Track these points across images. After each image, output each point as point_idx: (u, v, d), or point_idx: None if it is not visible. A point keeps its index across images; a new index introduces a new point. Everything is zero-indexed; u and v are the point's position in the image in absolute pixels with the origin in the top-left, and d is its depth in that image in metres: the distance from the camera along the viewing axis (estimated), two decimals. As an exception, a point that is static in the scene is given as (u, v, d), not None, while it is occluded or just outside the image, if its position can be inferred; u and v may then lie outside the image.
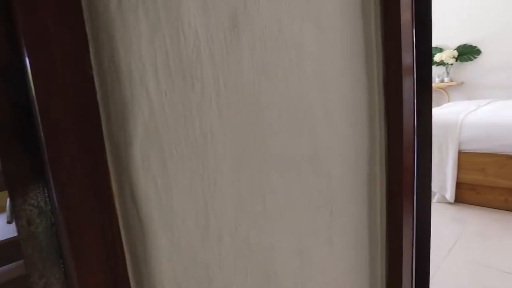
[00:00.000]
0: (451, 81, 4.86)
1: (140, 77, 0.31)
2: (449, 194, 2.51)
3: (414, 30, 0.65)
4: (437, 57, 4.84)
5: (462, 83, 4.92)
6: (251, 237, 0.41)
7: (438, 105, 5.12)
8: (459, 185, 2.52)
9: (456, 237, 2.05)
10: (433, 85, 4.86)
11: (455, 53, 4.74)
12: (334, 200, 0.53)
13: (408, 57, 0.60)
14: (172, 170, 0.33)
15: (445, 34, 4.96)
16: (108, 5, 0.29)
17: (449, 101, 5.00)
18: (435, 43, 5.04)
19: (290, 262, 0.45)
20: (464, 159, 2.44)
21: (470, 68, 4.83)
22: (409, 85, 0.61)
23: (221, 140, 0.36)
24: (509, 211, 2.36)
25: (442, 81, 4.86)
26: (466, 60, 4.78)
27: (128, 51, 0.30)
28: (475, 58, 4.74)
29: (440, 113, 2.77)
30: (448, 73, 4.91)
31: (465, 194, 2.52)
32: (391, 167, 0.61)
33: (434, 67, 5.06)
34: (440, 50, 4.94)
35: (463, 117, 2.50)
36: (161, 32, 0.31)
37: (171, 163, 0.33)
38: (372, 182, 0.61)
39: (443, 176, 2.54)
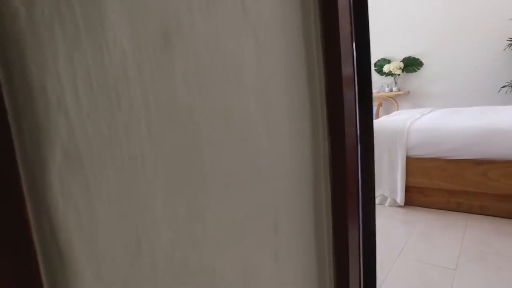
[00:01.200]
0: (399, 90, 5.17)
1: (57, 98, 0.28)
2: (399, 198, 2.65)
3: (354, 43, 0.67)
4: (385, 68, 5.14)
5: (409, 92, 5.26)
6: (191, 260, 0.39)
7: (388, 113, 5.43)
8: (408, 189, 2.67)
9: (406, 239, 2.16)
10: (383, 94, 5.15)
11: (402, 65, 5.07)
12: (279, 215, 0.53)
13: (349, 69, 0.62)
14: (96, 196, 0.31)
15: (392, 47, 5.29)
16: (16, 18, 0.26)
17: (397, 109, 5.31)
18: (384, 55, 5.36)
19: (233, 283, 0.44)
20: (412, 164, 2.59)
21: (415, 79, 5.19)
22: (350, 96, 0.63)
23: (152, 161, 0.35)
24: (450, 210, 2.53)
25: (391, 90, 5.15)
26: (411, 71, 5.13)
27: (43, 69, 0.27)
28: (419, 69, 5.10)
29: (389, 121, 2.93)
30: (396, 83, 5.23)
31: (414, 197, 2.68)
32: (335, 178, 0.62)
33: (383, 78, 5.37)
34: (389, 61, 5.26)
35: (409, 124, 2.66)
36: (82, 49, 0.29)
37: (95, 189, 0.30)
38: (317, 194, 0.62)
39: (394, 181, 2.68)
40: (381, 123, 2.87)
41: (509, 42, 4.23)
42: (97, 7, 0.30)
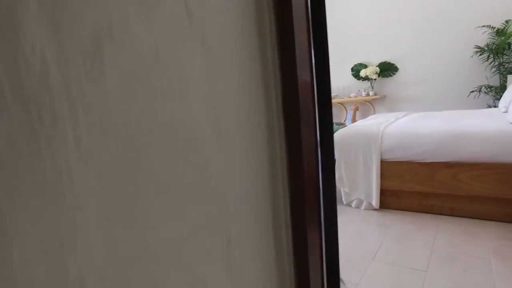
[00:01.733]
0: (376, 94, 5.28)
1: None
2: (375, 201, 2.69)
3: (312, 49, 0.67)
4: (362, 73, 5.25)
5: (385, 96, 5.38)
6: (130, 278, 0.37)
7: (365, 117, 5.53)
8: (383, 192, 2.71)
9: (380, 242, 2.19)
10: (360, 98, 5.24)
11: (378, 69, 5.18)
12: (232, 226, 0.51)
13: (305, 73, 0.62)
14: (11, 216, 0.28)
15: (369, 52, 5.41)
16: None
17: (374, 113, 5.42)
18: (360, 60, 5.47)
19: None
20: (386, 167, 2.63)
21: (391, 83, 5.31)
22: (307, 101, 0.62)
23: (82, 176, 0.33)
24: (423, 212, 2.59)
25: (368, 94, 5.26)
26: (386, 76, 5.25)
27: None
28: (394, 74, 5.22)
29: (364, 125, 2.97)
30: (372, 87, 5.33)
31: (389, 200, 2.72)
32: (293, 185, 0.61)
33: (360, 82, 5.48)
34: (365, 66, 5.37)
35: (383, 128, 2.71)
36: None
37: (10, 208, 0.28)
38: (275, 202, 0.61)
39: (369, 185, 2.71)
40: (357, 127, 2.91)
41: (476, 50, 4.39)
42: (9, 12, 0.27)
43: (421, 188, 2.53)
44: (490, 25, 4.30)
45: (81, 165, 0.33)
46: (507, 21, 4.18)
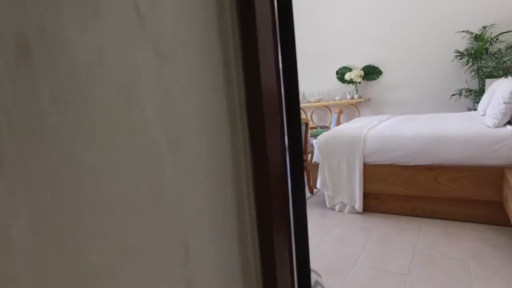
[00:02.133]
0: (360, 98, 5.33)
1: None
2: (358, 205, 2.69)
3: (280, 53, 0.65)
4: (347, 76, 5.29)
5: (369, 99, 5.44)
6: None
7: (350, 119, 5.57)
8: (366, 195, 2.72)
9: (363, 246, 2.19)
10: (345, 101, 5.28)
11: (362, 73, 5.23)
12: (191, 237, 0.49)
13: (271, 76, 0.60)
14: None
15: (353, 56, 5.47)
16: None
17: (359, 116, 5.47)
18: (345, 63, 5.52)
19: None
20: (369, 171, 2.65)
21: (375, 87, 5.37)
22: (273, 104, 0.60)
23: (6, 194, 0.30)
24: (404, 215, 2.61)
25: (353, 97, 5.30)
26: (371, 79, 5.31)
27: None
28: (378, 77, 5.29)
29: (347, 128, 2.99)
30: (357, 90, 5.38)
31: (372, 203, 2.74)
32: (259, 195, 0.59)
33: (345, 85, 5.52)
34: (350, 69, 5.41)
35: (366, 131, 2.72)
36: None
37: None
38: (240, 210, 0.59)
39: (352, 188, 2.72)
40: (340, 130, 2.92)
41: (456, 54, 4.48)
42: None
43: (403, 191, 2.55)
44: (468, 31, 4.40)
45: (8, 178, 0.30)
46: (484, 27, 4.28)
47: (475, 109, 4.32)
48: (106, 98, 0.37)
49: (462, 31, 4.49)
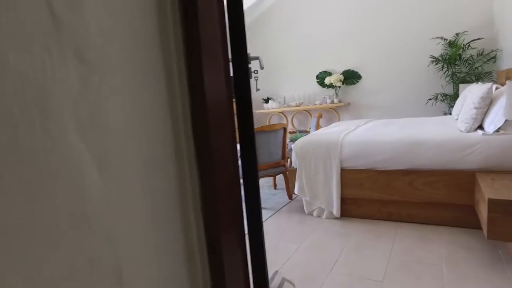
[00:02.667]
0: (340, 102, 5.38)
1: None
2: (336, 210, 2.68)
3: (230, 51, 0.62)
4: (327, 80, 5.33)
5: (349, 103, 5.49)
6: None
7: (330, 123, 5.60)
8: (344, 201, 2.72)
9: (339, 253, 2.18)
10: (325, 105, 5.30)
11: (342, 77, 5.28)
12: (124, 262, 0.44)
13: (219, 81, 0.56)
14: None
15: (333, 60, 5.51)
16: None
17: (339, 120, 5.51)
18: (325, 67, 5.55)
19: None
20: (346, 176, 2.64)
21: (354, 91, 5.43)
22: (220, 117, 0.57)
23: None
24: (381, 220, 2.62)
25: (333, 102, 5.33)
26: (350, 84, 5.36)
27: None
28: (358, 82, 5.34)
29: (325, 133, 2.98)
30: (337, 94, 5.42)
31: (349, 208, 2.73)
32: (208, 213, 0.55)
33: (325, 89, 5.55)
34: (329, 74, 5.45)
35: (343, 136, 2.73)
36: None
37: None
38: (187, 230, 0.55)
39: (330, 193, 2.71)
40: (317, 135, 2.91)
41: (431, 59, 4.58)
42: None
43: (380, 195, 2.56)
44: (443, 37, 4.51)
45: None
46: (457, 34, 4.40)
47: (450, 113, 4.42)
48: (13, 112, 0.32)
49: (437, 38, 4.59)
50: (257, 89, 1.70)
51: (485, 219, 1.80)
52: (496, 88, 2.60)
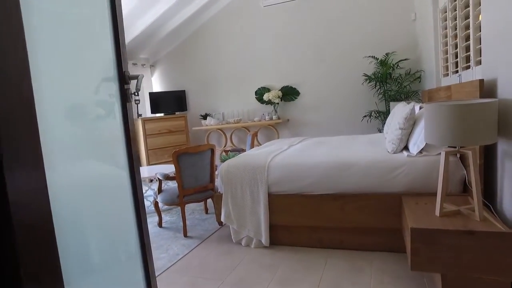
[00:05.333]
0: (279, 118, 5.27)
1: None
2: (264, 238, 2.46)
3: None
4: (265, 97, 5.20)
5: (288, 120, 5.41)
6: None
7: (269, 140, 5.47)
8: (273, 228, 2.51)
9: (262, 291, 1.94)
10: (264, 122, 5.16)
11: (280, 93, 5.19)
12: None
13: None
14: None
15: (272, 76, 5.42)
16: None
17: (278, 137, 5.39)
18: (264, 83, 5.44)
19: None
20: (274, 201, 2.44)
21: (293, 107, 5.36)
22: None
23: None
24: (312, 247, 2.45)
25: (271, 118, 5.21)
26: (289, 100, 5.29)
27: None
28: (296, 98, 5.29)
29: (252, 155, 2.77)
30: (276, 111, 5.31)
31: (279, 235, 2.53)
32: None
33: (264, 106, 5.42)
34: (268, 90, 5.34)
35: (271, 159, 2.53)
36: None
37: None
38: None
39: (258, 220, 2.49)
40: (245, 157, 2.69)
41: (365, 77, 4.67)
42: None
43: (310, 222, 2.38)
44: (374, 56, 4.62)
45: None
46: (387, 54, 4.53)
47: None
48: None
49: (369, 56, 4.70)
50: (139, 115, 1.39)
51: (409, 248, 1.68)
52: (420, 108, 2.59)
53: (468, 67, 2.45)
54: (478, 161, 1.72)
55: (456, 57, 2.78)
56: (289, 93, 5.27)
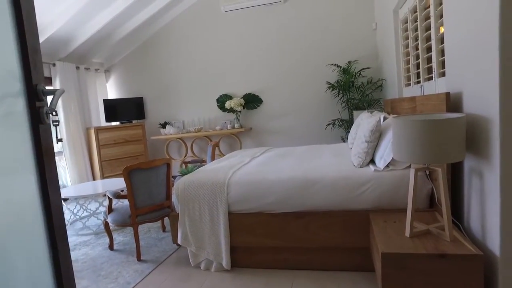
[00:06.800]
0: (241, 127, 5.10)
1: None
2: (225, 261, 2.25)
3: None
4: (227, 104, 5.02)
5: (251, 129, 5.25)
6: None
7: (232, 150, 5.28)
8: (234, 249, 2.31)
9: (222, 327, 1.73)
10: (226, 131, 4.96)
11: (242, 101, 5.03)
12: None
13: None
14: None
15: (234, 83, 5.25)
16: None
17: (240, 146, 5.21)
18: (225, 91, 5.25)
19: None
20: (235, 220, 2.25)
21: (256, 115, 5.22)
22: None
23: None
24: (277, 268, 2.28)
25: (233, 127, 5.03)
26: (252, 108, 5.14)
27: None
28: (259, 106, 5.16)
29: (212, 170, 2.56)
30: (238, 119, 5.14)
31: (241, 257, 2.33)
32: None
33: (226, 114, 5.23)
34: (230, 97, 5.16)
35: (231, 174, 2.34)
36: None
37: None
38: None
39: (217, 242, 2.28)
40: (203, 173, 2.48)
41: (328, 85, 4.64)
42: None
43: (274, 242, 2.22)
44: (337, 64, 4.61)
45: None
46: (349, 62, 4.54)
47: (348, 139, 4.47)
48: None
49: (332, 64, 4.68)
50: (58, 140, 1.11)
51: (379, 273, 1.56)
52: (384, 118, 2.53)
53: (430, 78, 2.43)
54: (447, 179, 1.65)
55: (418, 67, 2.77)
56: (251, 101, 5.12)
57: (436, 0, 2.16)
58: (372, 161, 2.25)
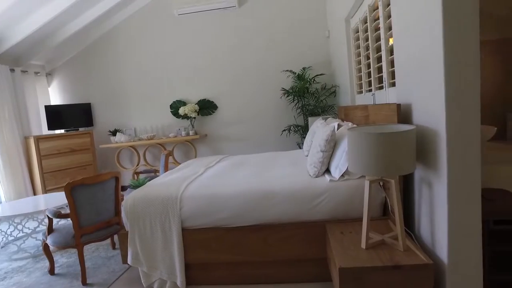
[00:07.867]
0: (196, 134, 4.95)
1: None
2: (180, 280, 2.12)
3: None
4: (181, 111, 4.85)
5: (206, 135, 5.12)
6: None
7: (187, 158, 5.11)
8: (189, 266, 2.19)
9: None
10: (180, 138, 4.77)
11: (197, 107, 4.89)
12: None
13: None
14: None
15: (188, 89, 5.09)
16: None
17: (195, 155, 5.07)
18: (179, 96, 5.08)
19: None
20: (189, 236, 2.13)
21: (211, 122, 5.11)
22: None
23: None
24: (235, 284, 2.20)
25: (188, 134, 4.87)
26: (207, 114, 5.02)
27: None
28: (214, 112, 5.05)
29: (164, 183, 2.42)
30: (193, 126, 4.99)
31: (197, 275, 2.22)
32: None
33: (180, 121, 5.06)
34: (184, 103, 5.00)
35: (184, 188, 2.22)
36: None
37: None
38: None
39: (171, 260, 2.14)
40: (154, 187, 2.33)
41: (283, 91, 4.66)
42: None
43: (231, 257, 2.13)
44: (292, 70, 4.64)
45: None
46: (304, 68, 4.60)
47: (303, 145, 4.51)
48: None
49: (287, 71, 4.70)
50: None
51: (337, 286, 1.54)
52: (339, 126, 2.56)
53: (381, 87, 2.50)
54: (400, 191, 1.68)
55: (370, 76, 2.84)
56: (206, 107, 5.00)
57: (385, 12, 2.23)
58: (327, 170, 2.25)
